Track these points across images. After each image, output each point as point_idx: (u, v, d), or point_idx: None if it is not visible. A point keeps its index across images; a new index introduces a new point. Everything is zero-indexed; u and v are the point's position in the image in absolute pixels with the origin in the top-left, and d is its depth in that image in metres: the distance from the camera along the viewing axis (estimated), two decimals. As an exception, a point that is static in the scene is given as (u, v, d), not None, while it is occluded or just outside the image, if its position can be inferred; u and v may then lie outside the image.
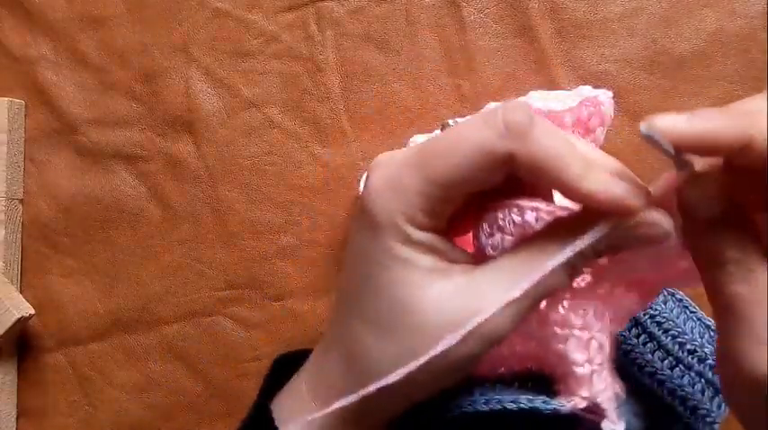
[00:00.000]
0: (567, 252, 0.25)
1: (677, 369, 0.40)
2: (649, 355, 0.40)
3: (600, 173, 0.25)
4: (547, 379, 0.30)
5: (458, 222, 0.29)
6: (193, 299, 0.47)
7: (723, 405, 0.39)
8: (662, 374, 0.39)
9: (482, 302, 0.25)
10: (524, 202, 0.27)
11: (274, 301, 0.47)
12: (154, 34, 0.48)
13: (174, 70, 0.48)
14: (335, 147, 0.47)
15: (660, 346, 0.40)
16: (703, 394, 0.39)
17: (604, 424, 0.27)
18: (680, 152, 0.24)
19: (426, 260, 0.27)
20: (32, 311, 0.46)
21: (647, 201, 0.25)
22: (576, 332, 0.28)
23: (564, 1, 0.46)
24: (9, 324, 0.44)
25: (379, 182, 0.27)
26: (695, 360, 0.40)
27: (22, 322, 0.45)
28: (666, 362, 0.40)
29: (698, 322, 0.41)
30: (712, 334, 0.41)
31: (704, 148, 0.23)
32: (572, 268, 0.26)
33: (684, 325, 0.41)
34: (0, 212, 0.47)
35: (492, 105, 0.34)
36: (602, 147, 0.36)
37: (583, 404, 0.28)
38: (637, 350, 0.40)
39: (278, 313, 0.46)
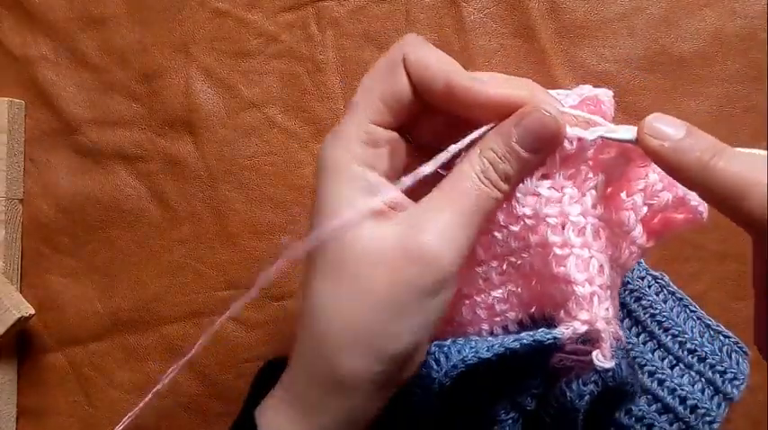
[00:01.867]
0: (450, 150, 0.28)
1: (677, 368, 0.40)
2: (649, 354, 0.40)
3: (490, 78, 0.28)
4: (550, 326, 0.30)
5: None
6: (193, 299, 0.47)
7: (723, 404, 0.39)
8: (662, 373, 0.39)
9: (416, 231, 0.26)
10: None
11: (274, 301, 0.47)
12: (154, 34, 0.48)
13: (174, 70, 0.48)
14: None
15: (660, 345, 0.40)
16: (703, 393, 0.39)
17: (595, 354, 0.27)
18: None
19: (365, 200, 0.27)
20: (32, 311, 0.46)
21: (542, 99, 0.28)
22: (576, 250, 0.28)
23: (564, 1, 0.46)
24: (9, 324, 0.44)
25: (327, 137, 0.29)
26: (695, 359, 0.40)
27: (22, 322, 0.45)
28: (666, 361, 0.40)
29: (698, 321, 0.41)
30: (712, 333, 0.41)
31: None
32: (485, 175, 0.27)
33: (684, 324, 0.41)
34: (0, 212, 0.47)
35: None
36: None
37: (583, 328, 0.27)
38: (637, 349, 0.40)
39: (278, 313, 0.46)
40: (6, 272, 0.47)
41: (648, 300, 0.41)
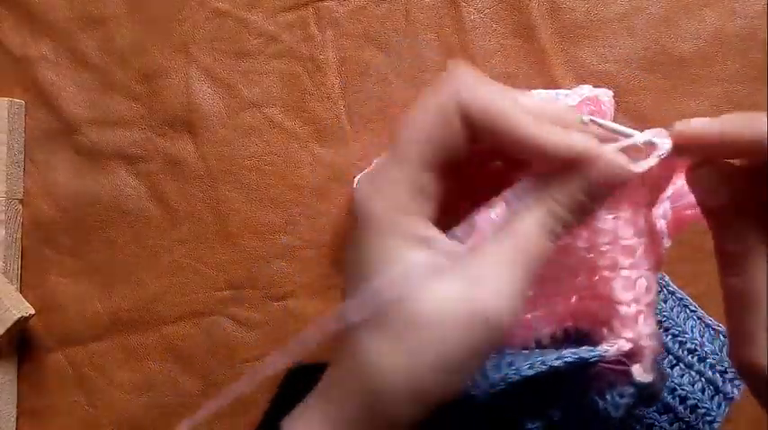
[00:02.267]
0: (509, 200, 0.27)
1: (677, 367, 0.40)
2: None
3: (548, 123, 0.26)
4: (583, 340, 0.30)
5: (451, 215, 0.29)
6: (193, 299, 0.47)
7: (723, 404, 0.39)
8: (661, 373, 0.39)
9: (478, 290, 0.26)
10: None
11: (274, 301, 0.47)
12: (154, 34, 0.48)
13: (174, 70, 0.48)
14: (335, 148, 0.47)
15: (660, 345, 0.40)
16: (703, 393, 0.39)
17: (635, 369, 0.27)
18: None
19: (419, 255, 0.26)
20: (32, 311, 0.46)
21: (598, 144, 0.26)
22: (625, 272, 0.28)
23: (564, 1, 0.46)
24: (9, 324, 0.44)
25: (366, 182, 0.28)
26: (695, 359, 0.40)
27: (22, 322, 0.45)
28: (666, 360, 0.40)
29: (698, 321, 0.41)
30: (712, 333, 0.41)
31: (722, 149, 0.26)
32: (548, 230, 0.26)
33: (685, 324, 0.41)
34: (0, 212, 0.47)
35: None
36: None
37: (627, 346, 0.27)
38: None
39: (278, 313, 0.46)
40: (6, 272, 0.47)
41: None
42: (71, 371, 0.48)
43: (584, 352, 0.28)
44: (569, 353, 0.28)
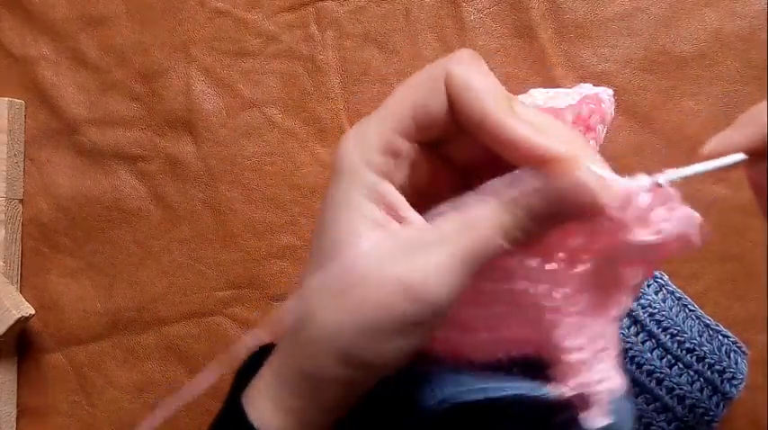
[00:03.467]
0: (479, 199, 0.26)
1: (676, 367, 0.40)
2: (648, 353, 0.40)
3: (526, 119, 0.25)
4: (534, 364, 0.30)
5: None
6: (193, 299, 0.47)
7: (721, 403, 0.39)
8: (660, 372, 0.39)
9: (418, 264, 0.26)
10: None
11: (274, 301, 0.47)
12: (154, 34, 0.48)
13: (174, 70, 0.48)
14: (335, 147, 0.47)
15: (659, 344, 0.40)
16: (702, 392, 0.39)
17: (583, 415, 0.26)
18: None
19: (372, 209, 0.27)
20: (32, 311, 0.46)
21: (586, 161, 0.25)
22: (568, 319, 0.27)
23: (564, 1, 0.46)
24: (9, 324, 0.44)
25: (348, 134, 0.28)
26: (693, 358, 0.40)
27: (22, 322, 0.45)
28: (665, 360, 0.40)
29: (697, 320, 0.41)
30: (711, 332, 0.41)
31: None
32: (504, 229, 0.26)
33: (683, 323, 0.41)
34: (0, 212, 0.47)
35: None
36: (602, 146, 0.36)
37: (569, 393, 0.27)
38: (635, 348, 0.40)
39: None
40: (6, 272, 0.47)
41: (647, 299, 0.41)
42: (71, 371, 0.48)
43: (527, 388, 0.27)
44: (510, 387, 0.28)
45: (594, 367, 0.27)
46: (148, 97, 0.48)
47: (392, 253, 0.26)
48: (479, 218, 0.26)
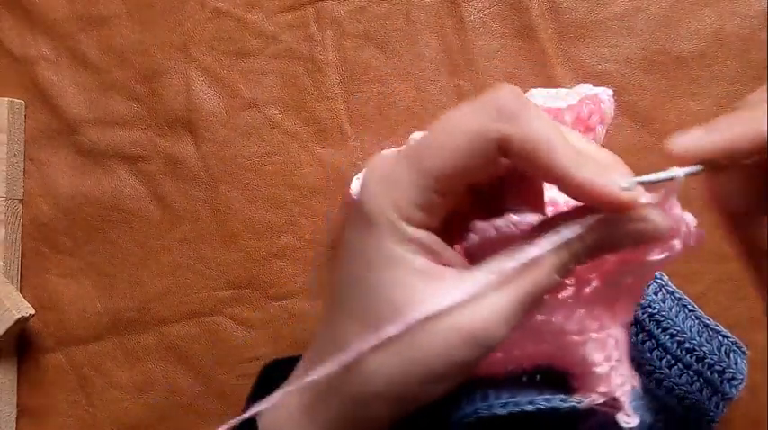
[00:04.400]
0: (549, 242, 0.25)
1: (675, 367, 0.40)
2: (648, 354, 0.40)
3: (592, 161, 0.24)
4: (555, 372, 0.31)
5: (458, 229, 0.29)
6: (193, 299, 0.47)
7: (721, 404, 0.39)
8: (660, 372, 0.39)
9: (476, 309, 0.25)
10: (516, 217, 0.27)
11: (274, 301, 0.47)
12: (154, 34, 0.48)
13: (174, 70, 0.48)
14: (335, 148, 0.47)
15: (658, 345, 0.40)
16: (701, 393, 0.39)
17: (619, 417, 0.28)
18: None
19: (419, 261, 0.26)
20: (32, 311, 0.46)
21: (639, 196, 0.25)
22: (593, 335, 0.28)
23: (564, 1, 0.46)
24: (9, 324, 0.44)
25: (374, 178, 0.26)
26: (693, 358, 0.40)
27: (22, 322, 0.45)
28: (665, 360, 0.40)
29: (696, 321, 0.41)
30: (711, 333, 0.41)
31: (727, 158, 0.25)
32: (562, 265, 0.26)
33: (683, 323, 0.41)
34: (0, 212, 0.47)
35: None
36: (602, 146, 0.36)
37: (601, 400, 0.28)
38: (636, 348, 0.40)
39: (278, 313, 0.46)
40: (6, 272, 0.47)
41: (647, 300, 0.41)
42: (71, 371, 0.48)
43: (558, 401, 0.28)
44: (542, 400, 0.29)
45: (618, 372, 0.29)
46: (148, 97, 0.48)
47: (444, 298, 0.25)
48: (538, 257, 0.25)
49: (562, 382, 0.30)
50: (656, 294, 0.41)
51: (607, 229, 0.25)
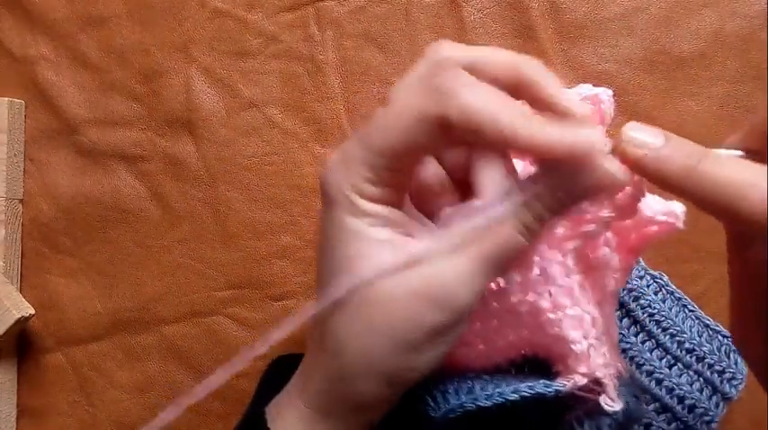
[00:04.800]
0: (500, 203, 0.26)
1: (675, 367, 0.40)
2: (647, 354, 0.40)
3: (536, 120, 0.25)
4: (542, 361, 0.31)
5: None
6: (193, 299, 0.47)
7: (721, 403, 0.39)
8: (660, 372, 0.39)
9: (436, 271, 0.26)
10: (479, 202, 0.27)
11: (274, 301, 0.47)
12: (154, 34, 0.48)
13: (174, 70, 0.48)
14: (335, 147, 0.47)
15: (658, 345, 0.40)
16: (701, 393, 0.39)
17: (602, 399, 0.28)
18: None
19: (379, 232, 0.27)
20: (32, 311, 0.46)
21: (594, 148, 0.25)
22: (569, 311, 0.28)
23: (564, 1, 0.46)
24: (9, 324, 0.44)
25: (333, 159, 0.27)
26: (693, 358, 0.40)
27: (22, 322, 0.45)
28: (665, 360, 0.40)
29: (696, 321, 0.41)
30: (711, 333, 0.41)
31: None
32: (524, 226, 0.26)
33: (683, 323, 0.41)
34: (0, 212, 0.47)
35: None
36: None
37: (583, 381, 0.28)
38: (635, 348, 0.40)
39: (278, 313, 0.46)
40: (6, 272, 0.47)
41: (647, 300, 0.41)
42: (71, 371, 0.48)
43: (541, 387, 0.28)
44: (525, 388, 0.29)
45: (599, 351, 0.29)
46: (148, 97, 0.48)
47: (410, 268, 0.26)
48: (499, 219, 0.26)
49: (549, 373, 0.30)
50: (655, 294, 0.41)
51: (564, 183, 0.25)
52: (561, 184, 0.25)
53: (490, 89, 0.25)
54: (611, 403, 0.28)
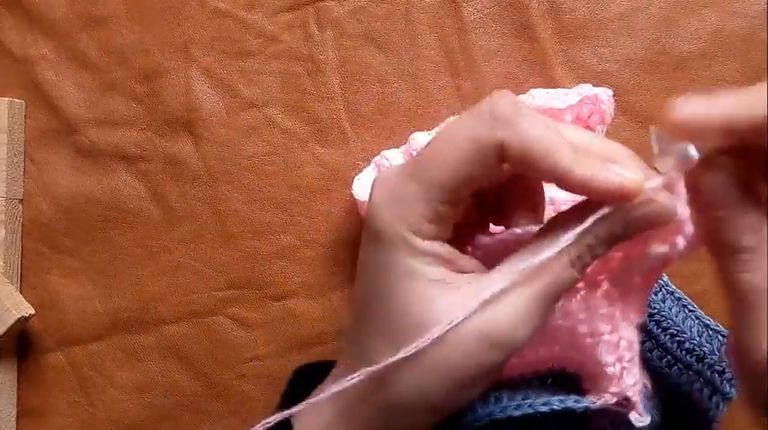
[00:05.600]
0: (565, 240, 0.25)
1: (675, 367, 0.40)
2: (648, 354, 0.40)
3: (591, 157, 0.25)
4: (567, 374, 0.31)
5: (466, 236, 0.29)
6: (193, 299, 0.47)
7: (721, 404, 0.39)
8: (660, 372, 0.39)
9: (495, 313, 0.26)
10: (519, 230, 0.28)
11: (274, 301, 0.47)
12: (154, 34, 0.48)
13: (174, 70, 0.48)
14: (335, 147, 0.47)
15: (658, 345, 0.40)
16: (701, 393, 0.39)
17: (632, 416, 0.28)
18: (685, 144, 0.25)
19: (434, 271, 0.26)
20: (32, 311, 0.46)
21: (644, 181, 0.25)
22: (606, 337, 0.29)
23: (564, 1, 0.46)
24: (9, 324, 0.44)
25: (381, 195, 0.27)
26: (693, 358, 0.40)
27: (22, 322, 0.45)
28: (665, 360, 0.40)
29: (696, 321, 0.41)
30: (711, 333, 0.41)
31: (724, 131, 0.24)
32: (578, 260, 0.26)
33: (683, 323, 0.41)
34: (0, 212, 0.47)
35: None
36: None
37: (613, 400, 0.29)
38: None
39: (278, 313, 0.46)
40: (6, 272, 0.47)
41: (647, 299, 0.41)
42: (71, 371, 0.48)
43: (571, 402, 0.29)
44: (557, 402, 0.29)
45: (630, 372, 0.29)
46: (148, 97, 0.48)
47: (462, 304, 0.26)
48: (551, 256, 0.26)
49: (572, 384, 0.31)
50: (655, 294, 0.41)
51: (617, 218, 0.26)
52: (613, 218, 0.26)
53: (548, 120, 0.25)
54: (641, 419, 0.29)
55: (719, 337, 0.41)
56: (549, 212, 0.31)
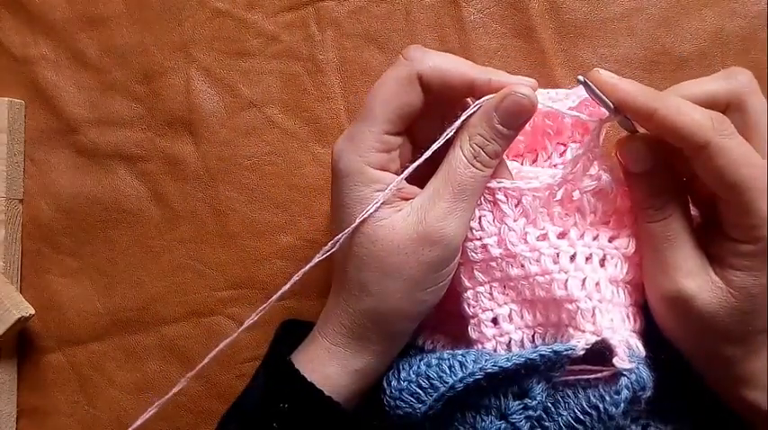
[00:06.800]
0: (444, 135, 0.33)
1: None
2: None
3: (490, 69, 0.34)
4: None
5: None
6: (193, 299, 0.47)
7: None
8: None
9: (423, 215, 0.33)
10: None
11: (275, 301, 0.47)
12: (154, 34, 0.48)
13: (174, 70, 0.48)
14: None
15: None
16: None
17: (615, 360, 0.31)
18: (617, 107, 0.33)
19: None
20: (32, 311, 0.46)
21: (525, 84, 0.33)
22: (572, 273, 0.33)
23: (564, 1, 0.46)
24: (9, 324, 0.44)
25: (340, 140, 0.34)
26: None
27: (22, 322, 0.45)
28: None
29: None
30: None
31: (624, 108, 0.32)
32: (475, 158, 0.33)
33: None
34: (0, 212, 0.47)
35: None
36: (601, 147, 0.36)
37: (593, 339, 0.32)
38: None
39: (278, 313, 0.46)
40: (6, 272, 0.47)
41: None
42: (71, 371, 0.48)
43: (558, 346, 0.32)
44: (544, 347, 0.32)
45: (605, 314, 0.33)
46: (148, 97, 0.48)
47: (404, 217, 0.33)
48: (455, 161, 0.33)
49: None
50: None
51: (490, 113, 0.33)
52: (491, 114, 0.33)
53: (448, 54, 0.34)
54: (624, 363, 0.31)
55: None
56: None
